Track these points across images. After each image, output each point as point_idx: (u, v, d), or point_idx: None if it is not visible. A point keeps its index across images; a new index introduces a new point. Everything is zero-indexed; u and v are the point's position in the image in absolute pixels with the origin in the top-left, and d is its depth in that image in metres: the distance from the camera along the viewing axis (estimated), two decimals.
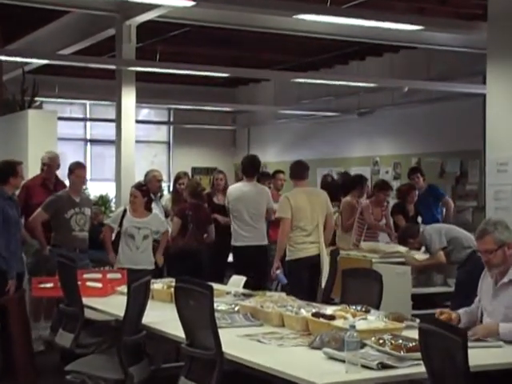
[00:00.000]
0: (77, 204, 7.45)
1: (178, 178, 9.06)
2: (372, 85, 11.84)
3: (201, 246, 8.00)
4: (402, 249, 7.57)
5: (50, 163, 7.98)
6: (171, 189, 9.87)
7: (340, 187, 9.41)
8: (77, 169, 7.54)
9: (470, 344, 3.14)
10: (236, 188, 8.13)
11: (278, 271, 7.09)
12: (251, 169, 8.08)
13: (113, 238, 7.50)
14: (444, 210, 9.78)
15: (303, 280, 6.90)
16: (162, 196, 9.19)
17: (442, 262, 7.09)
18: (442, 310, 4.36)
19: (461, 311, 4.38)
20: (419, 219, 9.22)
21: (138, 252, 7.34)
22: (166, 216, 8.46)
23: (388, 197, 8.99)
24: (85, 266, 7.09)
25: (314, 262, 6.97)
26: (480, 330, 4.02)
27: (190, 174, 10.20)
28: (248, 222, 7.89)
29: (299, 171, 7.29)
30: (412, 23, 8.55)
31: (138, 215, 7.43)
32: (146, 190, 7.63)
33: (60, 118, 11.98)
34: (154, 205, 7.92)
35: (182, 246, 7.91)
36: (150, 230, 7.41)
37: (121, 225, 7.40)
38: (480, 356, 3.58)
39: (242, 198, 7.90)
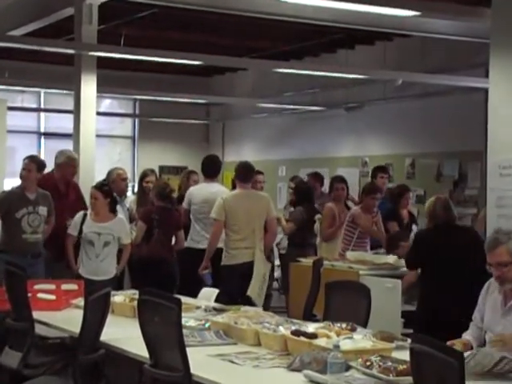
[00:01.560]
0: (30, 202, 7.42)
1: (144, 175, 9.04)
2: (362, 76, 11.87)
3: (168, 255, 7.99)
4: (392, 260, 7.60)
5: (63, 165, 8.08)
6: (136, 189, 9.82)
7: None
8: (24, 160, 7.58)
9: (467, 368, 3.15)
10: (201, 189, 8.52)
11: (206, 271, 7.63)
12: (212, 169, 8.63)
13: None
14: None
15: (234, 287, 7.24)
16: (125, 197, 9.14)
17: None
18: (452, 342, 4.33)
19: (468, 337, 4.41)
20: (414, 227, 9.19)
21: (98, 261, 7.32)
22: (131, 220, 8.42)
23: (377, 200, 8.90)
24: (37, 272, 7.04)
25: (248, 269, 7.35)
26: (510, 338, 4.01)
27: (157, 174, 10.17)
28: None
29: (244, 174, 7.74)
30: (407, 8, 8.59)
31: (100, 219, 7.39)
32: (109, 190, 7.59)
33: (10, 108, 11.95)
34: (119, 208, 7.88)
35: (146, 254, 7.90)
36: (113, 235, 7.38)
37: (81, 231, 7.37)
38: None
39: (211, 200, 8.00)
